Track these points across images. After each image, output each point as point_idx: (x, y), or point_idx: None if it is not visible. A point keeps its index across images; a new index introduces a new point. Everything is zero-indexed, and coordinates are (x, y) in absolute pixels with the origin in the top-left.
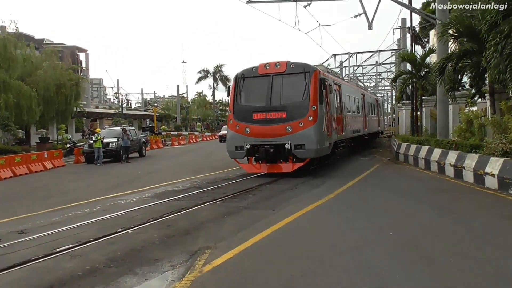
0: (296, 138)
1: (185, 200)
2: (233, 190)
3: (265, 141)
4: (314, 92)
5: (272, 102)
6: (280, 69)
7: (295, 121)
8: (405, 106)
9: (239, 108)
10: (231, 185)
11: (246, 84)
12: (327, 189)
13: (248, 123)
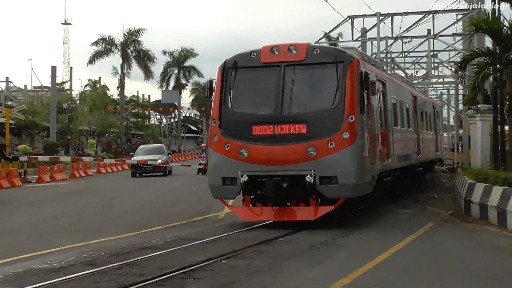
0: (324, 167)
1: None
2: (159, 269)
3: (273, 170)
4: (352, 94)
5: (284, 108)
6: (296, 56)
7: (321, 139)
8: (481, 115)
9: (229, 118)
10: (154, 260)
11: (241, 78)
12: (340, 266)
13: (246, 141)
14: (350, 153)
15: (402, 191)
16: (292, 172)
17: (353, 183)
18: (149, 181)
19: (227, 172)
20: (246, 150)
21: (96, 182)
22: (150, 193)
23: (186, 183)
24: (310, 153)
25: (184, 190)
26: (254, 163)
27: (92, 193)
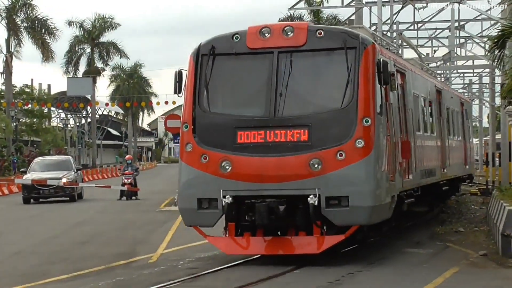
0: (331, 185)
1: None
2: None
3: (265, 188)
4: (367, 90)
5: (278, 109)
6: (294, 40)
7: (328, 148)
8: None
9: (206, 121)
10: None
11: (221, 69)
12: None
13: (228, 151)
14: (365, 166)
15: (414, 219)
16: (290, 191)
17: (369, 206)
18: (49, 209)
19: (204, 192)
20: (229, 163)
21: None
22: (51, 226)
23: (103, 212)
24: (313, 167)
25: (100, 222)
26: (239, 179)
27: None
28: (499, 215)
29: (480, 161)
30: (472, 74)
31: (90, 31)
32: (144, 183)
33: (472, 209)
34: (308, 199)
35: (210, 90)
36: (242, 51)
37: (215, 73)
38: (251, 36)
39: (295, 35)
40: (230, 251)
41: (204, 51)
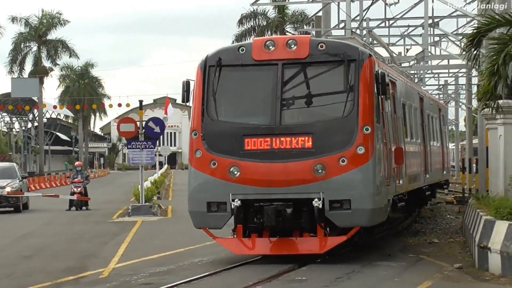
0: (334, 189)
1: None
2: None
3: (272, 192)
4: (367, 100)
5: (284, 117)
6: (297, 53)
7: (331, 154)
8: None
9: (214, 128)
10: None
11: (228, 79)
12: None
13: (236, 157)
14: (366, 171)
15: (384, 230)
16: (295, 195)
17: (369, 208)
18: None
19: (213, 196)
20: (237, 169)
21: None
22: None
23: (50, 223)
24: (317, 172)
25: (47, 234)
26: (248, 184)
27: None
28: (475, 225)
29: (457, 167)
30: (447, 74)
31: (36, 27)
32: (96, 192)
33: (448, 218)
34: (313, 202)
35: (218, 100)
36: (248, 63)
37: (222, 83)
38: (256, 48)
39: (298, 48)
40: (239, 251)
41: (211, 63)
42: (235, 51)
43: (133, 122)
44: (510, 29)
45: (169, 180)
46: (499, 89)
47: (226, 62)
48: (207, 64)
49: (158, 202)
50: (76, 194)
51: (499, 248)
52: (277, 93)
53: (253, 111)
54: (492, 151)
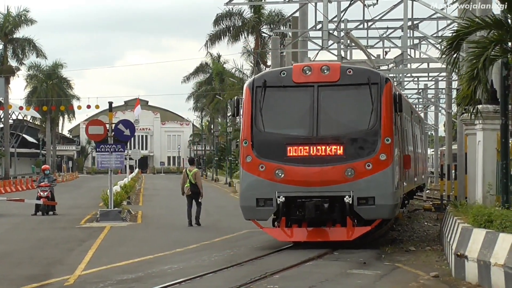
0: (362, 188)
1: None
2: None
3: (311, 191)
4: (388, 116)
5: (320, 129)
6: (330, 77)
7: (359, 160)
8: (483, 122)
9: (261, 138)
10: None
11: (272, 98)
12: None
13: (281, 162)
14: (387, 174)
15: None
16: (330, 193)
17: (390, 204)
18: None
19: (262, 193)
20: (282, 171)
21: None
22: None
23: (15, 229)
24: (347, 174)
25: (11, 240)
26: (291, 184)
27: None
28: (452, 233)
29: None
30: (427, 78)
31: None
32: (64, 196)
33: (425, 226)
34: (344, 199)
35: (264, 114)
36: (289, 85)
37: (267, 101)
38: (296, 73)
39: (331, 73)
40: (282, 238)
41: (258, 84)
42: (277, 74)
43: (102, 125)
44: (490, 32)
45: (139, 185)
46: (479, 94)
47: (270, 83)
48: (255, 85)
49: (128, 207)
50: (42, 199)
51: (476, 256)
52: (313, 110)
53: (294, 124)
54: (471, 157)
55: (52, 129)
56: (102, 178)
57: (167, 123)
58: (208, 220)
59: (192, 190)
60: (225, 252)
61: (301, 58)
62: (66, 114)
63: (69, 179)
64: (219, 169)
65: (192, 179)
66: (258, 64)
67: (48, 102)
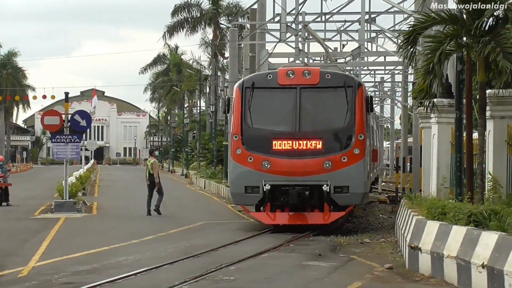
0: (338, 178)
1: None
2: None
3: (294, 180)
4: (361, 116)
5: (302, 126)
6: (310, 80)
7: (336, 154)
8: (438, 115)
9: (250, 133)
10: None
11: (259, 98)
12: None
13: (267, 154)
14: (360, 166)
15: (317, 229)
16: (310, 182)
17: (362, 192)
18: None
19: (250, 181)
20: (268, 162)
21: None
22: None
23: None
24: (326, 166)
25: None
26: (276, 174)
27: None
28: (406, 225)
29: (391, 166)
30: (383, 71)
31: None
32: (18, 187)
33: (381, 218)
34: (323, 188)
35: (252, 112)
36: (274, 86)
37: (255, 100)
38: (281, 76)
39: (312, 76)
40: (266, 221)
41: (247, 85)
42: (264, 77)
43: (58, 115)
44: (446, 27)
45: (95, 176)
46: (434, 88)
47: (258, 85)
48: (244, 86)
49: (83, 198)
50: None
51: (429, 248)
52: (296, 109)
53: (279, 121)
54: (426, 150)
55: (6, 119)
56: (57, 169)
57: (123, 114)
58: (164, 211)
59: (150, 180)
60: (181, 243)
61: (259, 50)
62: (21, 104)
63: (23, 169)
64: (176, 160)
65: (150, 169)
66: (216, 56)
67: (2, 92)
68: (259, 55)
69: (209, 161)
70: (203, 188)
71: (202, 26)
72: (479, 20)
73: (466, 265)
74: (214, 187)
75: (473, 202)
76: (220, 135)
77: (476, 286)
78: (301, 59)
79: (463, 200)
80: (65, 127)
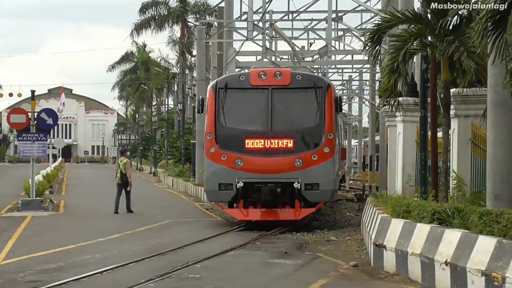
0: (308, 176)
1: None
2: None
3: (266, 177)
4: (330, 116)
5: (273, 125)
6: (282, 81)
7: (306, 152)
8: (403, 114)
9: (223, 132)
10: None
11: (232, 98)
12: None
13: (240, 153)
14: (329, 164)
15: (274, 226)
16: (282, 179)
17: (331, 189)
18: None
19: (224, 179)
20: (241, 161)
21: None
22: None
23: None
24: (297, 164)
25: None
26: (248, 171)
27: None
28: (372, 223)
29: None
30: (351, 69)
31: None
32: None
33: (347, 216)
34: (294, 185)
35: (226, 112)
36: (247, 87)
37: (228, 101)
38: (253, 77)
39: (283, 78)
40: (240, 217)
41: (220, 86)
42: (237, 78)
43: (24, 113)
44: (410, 27)
45: (62, 174)
46: (399, 87)
47: (231, 85)
48: (217, 86)
49: (50, 196)
50: None
51: (394, 246)
52: (268, 109)
53: (251, 120)
54: (391, 148)
55: None
56: (24, 167)
57: (91, 112)
58: (132, 209)
59: (122, 180)
60: (148, 242)
61: (226, 48)
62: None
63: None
64: (144, 158)
65: (123, 169)
66: (184, 54)
67: None
68: (226, 53)
69: (177, 159)
70: (171, 186)
71: (169, 24)
72: (443, 19)
73: (430, 262)
74: (182, 185)
75: (438, 200)
76: (188, 133)
77: (439, 283)
78: (268, 58)
79: (428, 198)
80: (32, 125)
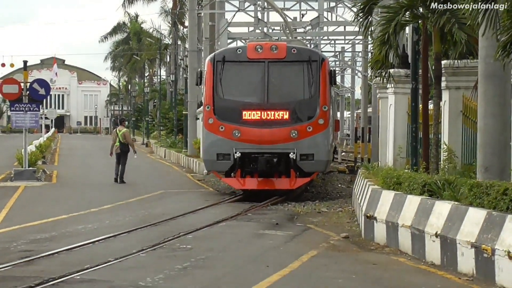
0: (303, 146)
1: None
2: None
3: (262, 148)
4: (324, 88)
5: (270, 97)
6: (278, 54)
7: (301, 124)
8: (395, 86)
9: (221, 104)
10: None
11: (230, 71)
12: None
13: (237, 124)
14: (324, 136)
15: (269, 195)
16: (278, 150)
17: (326, 160)
18: None
19: (222, 149)
20: (238, 131)
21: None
22: None
23: None
24: (292, 135)
25: None
26: (246, 142)
27: None
28: (363, 195)
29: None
30: (344, 41)
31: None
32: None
33: (339, 188)
34: (290, 155)
35: (223, 84)
36: (244, 60)
37: (226, 73)
38: (250, 50)
39: (279, 51)
40: (237, 186)
41: (218, 59)
42: (235, 51)
43: (16, 83)
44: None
45: (55, 144)
46: (391, 58)
47: (229, 59)
48: (215, 59)
49: (43, 167)
50: None
51: (384, 218)
52: (264, 81)
53: (248, 93)
54: (383, 120)
55: None
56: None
57: (84, 82)
58: (124, 180)
59: (121, 149)
60: (140, 212)
61: (218, 19)
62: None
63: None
64: (136, 129)
65: (121, 138)
66: (176, 25)
67: None
68: (218, 24)
69: (170, 130)
70: (164, 158)
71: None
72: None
73: (420, 234)
74: (174, 157)
75: (428, 172)
76: (180, 104)
77: (429, 255)
78: (260, 29)
79: (419, 170)
80: (24, 96)
